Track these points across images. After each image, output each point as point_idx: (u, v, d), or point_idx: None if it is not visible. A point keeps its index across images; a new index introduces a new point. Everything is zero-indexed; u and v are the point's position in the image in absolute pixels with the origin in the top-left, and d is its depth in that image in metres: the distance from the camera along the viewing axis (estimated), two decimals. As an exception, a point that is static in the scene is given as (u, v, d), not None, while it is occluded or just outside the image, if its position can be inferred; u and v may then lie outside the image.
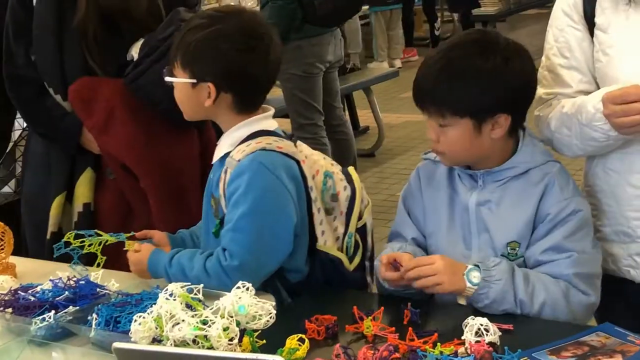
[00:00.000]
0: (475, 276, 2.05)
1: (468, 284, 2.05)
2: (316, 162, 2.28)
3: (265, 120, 2.28)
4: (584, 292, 2.10)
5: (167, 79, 2.28)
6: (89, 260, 2.41)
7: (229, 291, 1.85)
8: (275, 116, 2.34)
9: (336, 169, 2.34)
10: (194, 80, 2.23)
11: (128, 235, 2.36)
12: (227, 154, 2.25)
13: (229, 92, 2.23)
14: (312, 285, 2.26)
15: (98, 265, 2.36)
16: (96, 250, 2.35)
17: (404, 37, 10.76)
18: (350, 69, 8.02)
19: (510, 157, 2.17)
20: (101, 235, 2.35)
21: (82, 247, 2.34)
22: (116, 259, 2.38)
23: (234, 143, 2.24)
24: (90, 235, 2.35)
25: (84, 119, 2.66)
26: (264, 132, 2.24)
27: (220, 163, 2.27)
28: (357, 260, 2.31)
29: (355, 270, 2.32)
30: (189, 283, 1.91)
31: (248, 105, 2.27)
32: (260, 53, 2.22)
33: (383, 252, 2.23)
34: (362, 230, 2.33)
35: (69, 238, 2.35)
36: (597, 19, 2.17)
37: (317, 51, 5.46)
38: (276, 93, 6.27)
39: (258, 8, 5.96)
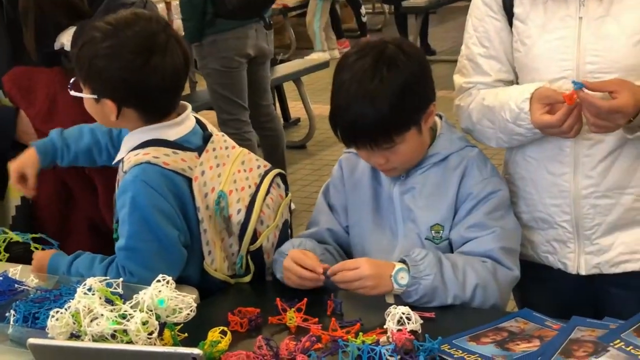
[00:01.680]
0: (403, 277, 2.04)
1: (396, 286, 2.04)
2: (215, 178, 2.21)
3: (166, 129, 2.21)
4: (509, 267, 2.12)
5: (73, 93, 2.25)
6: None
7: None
8: (201, 109, 2.31)
9: (246, 182, 2.26)
10: (95, 96, 2.19)
11: (34, 236, 2.36)
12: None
13: (130, 108, 2.19)
14: (209, 284, 2.24)
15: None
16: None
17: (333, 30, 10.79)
18: (281, 60, 8.00)
19: (429, 145, 2.19)
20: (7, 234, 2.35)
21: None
22: None
23: (128, 149, 2.22)
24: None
25: (25, 108, 2.61)
26: (159, 141, 2.19)
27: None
28: (246, 279, 2.28)
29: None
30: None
31: (155, 115, 2.21)
32: (157, 63, 2.13)
33: (284, 247, 2.24)
34: (257, 253, 2.27)
35: None
36: (515, 9, 2.19)
37: (233, 45, 5.38)
38: (204, 85, 6.22)
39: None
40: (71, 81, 2.26)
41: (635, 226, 2.18)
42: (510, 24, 2.21)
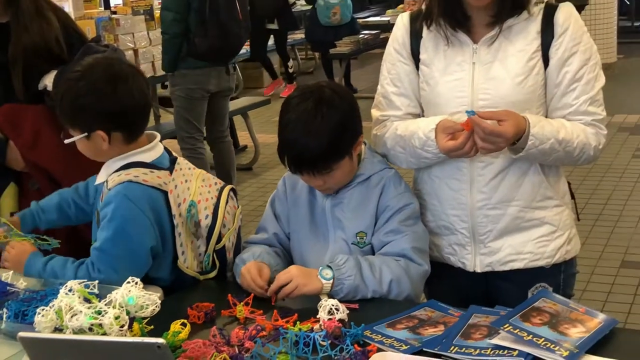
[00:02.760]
0: (327, 273, 2.04)
1: (323, 281, 2.03)
2: (185, 191, 2.20)
3: (143, 153, 2.20)
4: (419, 264, 2.12)
5: (66, 141, 2.20)
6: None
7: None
8: (165, 137, 2.29)
9: (209, 195, 2.25)
10: (86, 134, 2.16)
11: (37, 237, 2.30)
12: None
13: (118, 130, 2.16)
14: (184, 282, 2.21)
15: None
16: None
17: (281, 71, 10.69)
18: (231, 98, 7.98)
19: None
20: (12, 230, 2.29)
21: None
22: None
23: (109, 172, 2.19)
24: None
25: (13, 139, 2.57)
26: (138, 163, 2.17)
27: (100, 186, 2.23)
28: (212, 274, 2.25)
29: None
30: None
31: (137, 133, 2.20)
32: (126, 89, 2.13)
33: (246, 255, 2.20)
34: (221, 251, 2.26)
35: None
36: (421, 56, 2.21)
37: (199, 80, 5.56)
38: (170, 118, 6.25)
39: (150, 47, 6.07)
40: (62, 134, 2.22)
41: (520, 232, 2.20)
42: (417, 67, 2.22)
